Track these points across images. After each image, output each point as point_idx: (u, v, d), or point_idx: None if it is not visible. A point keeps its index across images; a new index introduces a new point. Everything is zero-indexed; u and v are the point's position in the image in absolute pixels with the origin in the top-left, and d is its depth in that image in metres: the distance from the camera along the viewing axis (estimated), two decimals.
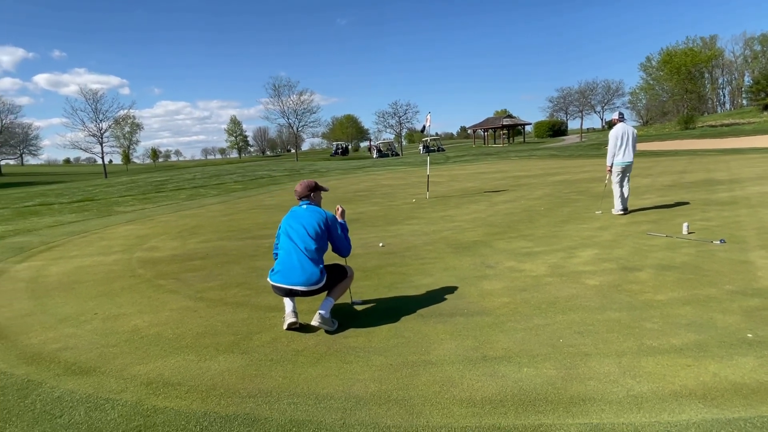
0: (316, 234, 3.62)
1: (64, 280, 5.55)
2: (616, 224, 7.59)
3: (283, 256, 3.64)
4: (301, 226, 3.65)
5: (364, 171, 26.20)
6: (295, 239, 3.61)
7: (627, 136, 8.32)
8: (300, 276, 3.46)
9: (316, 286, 3.49)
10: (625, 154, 8.36)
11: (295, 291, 3.49)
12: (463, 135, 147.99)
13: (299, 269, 3.48)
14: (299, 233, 3.62)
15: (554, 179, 15.62)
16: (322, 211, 3.83)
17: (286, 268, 3.53)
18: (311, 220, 3.69)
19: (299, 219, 3.72)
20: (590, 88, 71.88)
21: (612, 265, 5.21)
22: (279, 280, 3.51)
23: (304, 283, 3.45)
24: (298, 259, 3.52)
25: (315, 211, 3.78)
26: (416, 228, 8.08)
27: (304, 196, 3.89)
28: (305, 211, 3.77)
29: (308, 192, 3.89)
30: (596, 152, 31.98)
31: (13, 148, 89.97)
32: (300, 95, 63.74)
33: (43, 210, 12.81)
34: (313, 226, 3.65)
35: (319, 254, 3.60)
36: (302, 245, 3.56)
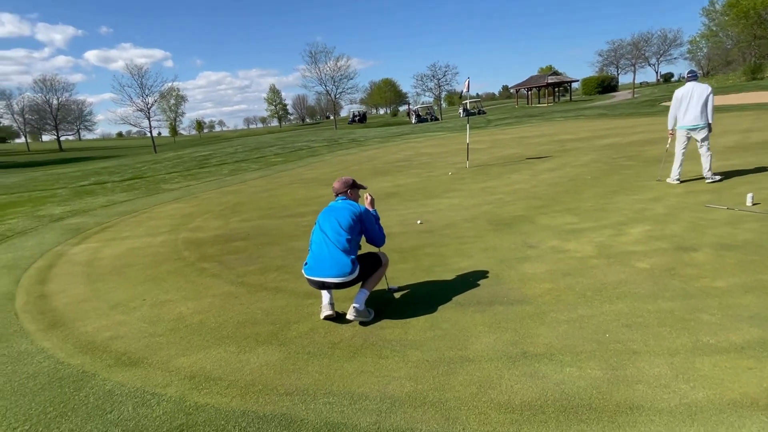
0: (348, 226, 3.60)
1: (116, 263, 5.83)
2: (670, 195, 7.10)
3: (315, 248, 3.63)
4: (335, 219, 3.65)
5: (403, 138, 25.81)
6: (327, 231, 3.60)
7: (691, 96, 7.57)
8: (332, 268, 3.44)
9: (349, 278, 3.46)
10: (686, 116, 7.67)
11: (328, 283, 3.48)
12: (505, 95, 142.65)
13: (331, 261, 3.46)
14: (332, 226, 3.61)
15: (602, 143, 14.79)
16: (356, 204, 3.83)
17: (318, 261, 3.52)
18: (344, 213, 3.68)
19: (333, 212, 3.73)
20: (644, 39, 66.90)
21: (665, 244, 4.88)
22: (312, 273, 3.51)
23: (337, 275, 3.43)
24: (329, 252, 3.50)
25: (349, 205, 3.78)
26: (455, 202, 7.89)
27: (341, 192, 3.92)
28: (339, 205, 3.79)
29: (345, 189, 3.93)
30: (650, 110, 29.99)
31: (70, 124, 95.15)
32: (337, 61, 62.88)
33: (97, 189, 13.47)
34: (345, 218, 3.64)
35: (351, 246, 3.56)
36: (334, 237, 3.54)
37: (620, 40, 73.36)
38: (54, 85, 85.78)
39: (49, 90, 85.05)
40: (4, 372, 3.26)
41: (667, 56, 72.87)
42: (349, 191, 3.95)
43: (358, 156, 17.96)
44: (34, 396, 2.90)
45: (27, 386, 3.03)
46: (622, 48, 70.90)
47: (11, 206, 11.36)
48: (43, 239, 7.44)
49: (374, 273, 3.71)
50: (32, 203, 11.52)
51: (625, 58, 70.85)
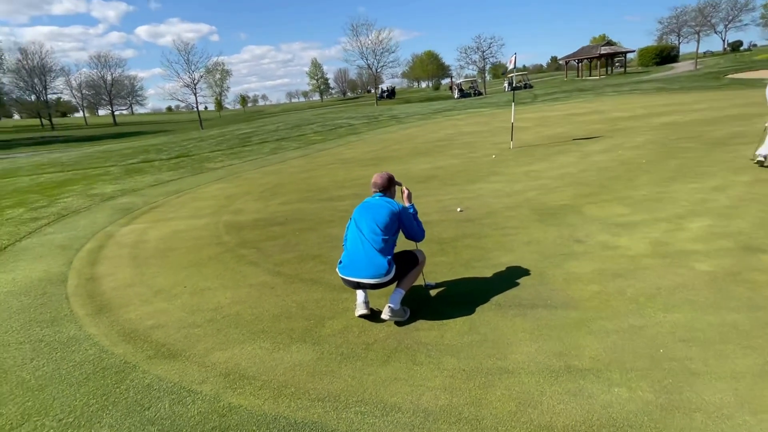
0: (386, 226, 3.47)
1: (160, 246, 6.00)
2: (737, 183, 6.52)
3: (350, 247, 3.53)
4: (372, 218, 3.51)
5: (445, 115, 25.20)
6: (363, 230, 3.48)
7: None
8: (367, 269, 3.34)
9: (385, 279, 3.35)
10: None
11: (363, 284, 3.39)
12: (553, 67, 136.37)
13: (366, 261, 3.36)
14: (369, 224, 3.49)
15: (659, 121, 13.82)
16: (395, 203, 3.67)
17: (353, 261, 3.42)
18: (382, 211, 3.54)
19: (370, 210, 3.59)
20: (711, 4, 61.62)
21: (729, 243, 4.48)
22: (347, 273, 3.42)
23: (372, 275, 3.33)
24: (365, 251, 3.39)
25: (387, 203, 3.63)
26: (498, 187, 7.60)
27: (381, 189, 3.77)
28: (377, 202, 3.64)
29: (387, 184, 3.79)
30: (715, 83, 27.80)
31: (123, 99, 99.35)
32: (378, 34, 61.77)
33: (146, 167, 13.97)
34: (383, 217, 3.50)
35: (387, 246, 3.44)
36: (370, 237, 3.43)
37: (684, 6, 68.19)
38: (108, 61, 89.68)
39: (104, 66, 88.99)
40: (53, 358, 3.40)
41: (737, 22, 67.08)
42: (390, 187, 3.81)
43: (398, 134, 17.69)
44: (79, 386, 3.01)
45: (73, 375, 3.15)
46: (685, 14, 65.80)
47: (68, 184, 11.98)
48: (95, 219, 7.77)
49: (411, 272, 3.58)
50: (86, 181, 12.09)
51: (689, 26, 65.78)
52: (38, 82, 78.25)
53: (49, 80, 79.79)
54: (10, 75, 74.01)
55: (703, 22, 62.33)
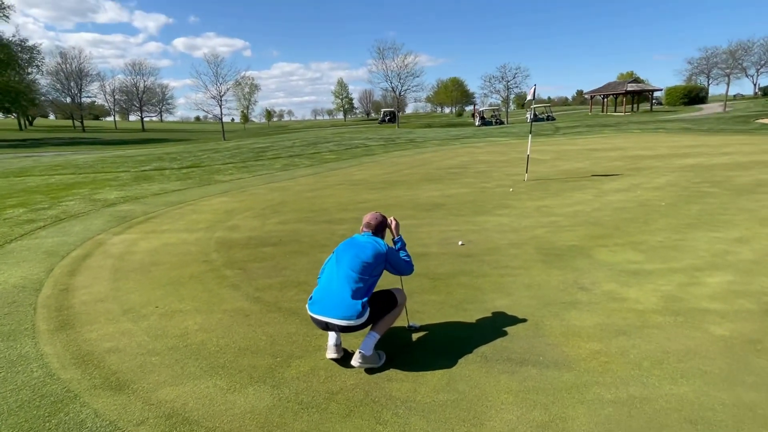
0: (367, 265, 3.16)
1: (145, 259, 5.78)
2: (762, 236, 6.05)
3: (323, 283, 3.23)
4: (355, 255, 3.21)
5: (462, 142, 24.98)
6: (342, 267, 3.17)
7: None
8: (338, 308, 3.02)
9: (356, 322, 3.02)
10: None
11: (332, 325, 3.06)
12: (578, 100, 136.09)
13: (338, 300, 3.04)
14: (349, 262, 3.18)
15: (683, 162, 13.33)
16: (382, 243, 3.36)
17: (323, 297, 3.11)
18: (367, 250, 3.24)
19: (355, 247, 3.28)
20: (744, 47, 60.87)
21: (751, 304, 4.05)
22: (315, 310, 3.11)
23: (343, 316, 3.00)
24: (338, 290, 3.08)
25: (373, 242, 3.33)
26: (505, 222, 7.24)
27: (372, 230, 3.48)
28: (364, 241, 3.34)
29: (379, 227, 3.50)
30: (743, 127, 27.09)
31: (153, 106, 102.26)
32: (404, 58, 62.39)
33: (155, 175, 13.97)
34: (366, 256, 3.20)
35: (365, 287, 3.12)
36: (347, 274, 3.12)
37: (715, 47, 67.44)
38: (142, 69, 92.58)
39: (137, 73, 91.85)
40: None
41: None
42: (380, 230, 3.52)
43: (413, 159, 17.48)
44: (8, 415, 2.74)
45: (7, 401, 2.88)
46: (716, 56, 65.02)
47: (75, 187, 12.00)
48: (90, 225, 7.64)
49: (388, 315, 3.25)
50: (94, 185, 12.11)
51: (719, 67, 64.85)
52: (74, 86, 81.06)
53: (84, 84, 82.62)
54: (49, 77, 76.85)
55: (733, 65, 61.43)
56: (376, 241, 3.33)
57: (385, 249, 3.29)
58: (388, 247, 3.34)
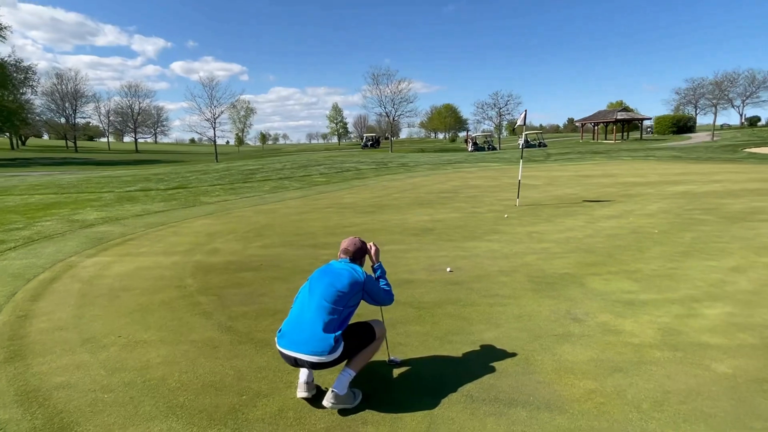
0: (342, 295, 2.89)
1: (116, 284, 5.47)
2: (758, 265, 5.88)
3: (293, 313, 2.96)
4: (329, 284, 2.94)
5: (455, 167, 24.99)
6: (314, 297, 2.91)
7: None
8: (308, 343, 2.74)
9: (327, 359, 2.74)
10: None
11: (301, 361, 2.78)
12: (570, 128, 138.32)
13: (309, 334, 2.77)
14: (323, 291, 2.91)
15: (674, 190, 13.29)
16: (360, 271, 3.07)
17: (293, 330, 2.84)
18: (342, 278, 2.97)
19: (330, 275, 3.01)
20: (729, 79, 62.46)
21: (753, 338, 3.82)
22: (284, 344, 2.83)
23: (313, 352, 2.72)
24: (309, 322, 2.81)
25: (350, 269, 3.06)
26: (495, 248, 7.02)
27: (350, 257, 3.20)
28: (340, 268, 3.07)
29: (357, 254, 3.22)
30: (731, 155, 27.41)
31: (148, 128, 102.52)
32: (398, 84, 63.32)
33: (139, 196, 13.66)
34: (342, 285, 2.93)
35: (338, 319, 2.85)
36: (320, 305, 2.85)
37: (701, 79, 69.06)
38: (138, 91, 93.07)
39: (133, 95, 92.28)
40: None
41: (755, 98, 67.74)
42: (359, 256, 3.24)
43: (403, 182, 17.35)
44: None
45: None
46: (702, 87, 66.62)
47: (54, 207, 11.66)
48: (63, 247, 7.32)
49: (364, 349, 2.98)
50: (75, 205, 11.77)
51: (706, 98, 66.42)
52: (69, 106, 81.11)
53: (79, 105, 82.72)
54: (44, 97, 76.89)
55: (720, 96, 62.92)
56: (354, 268, 3.07)
57: (363, 277, 3.03)
58: (366, 275, 3.09)
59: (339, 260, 3.21)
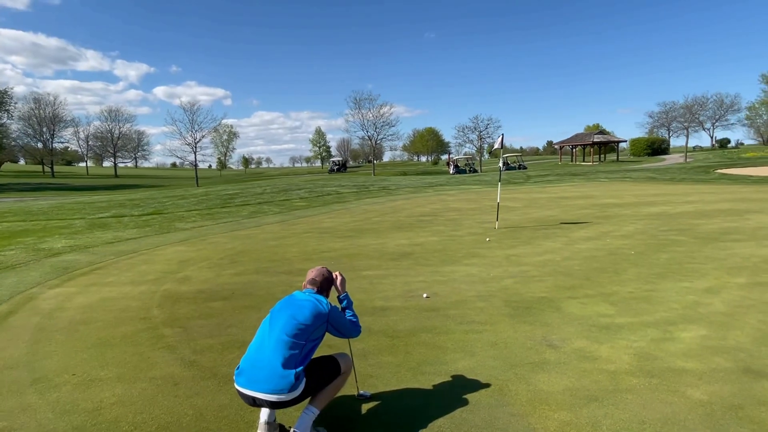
0: (305, 328, 2.75)
1: (76, 317, 5.21)
2: (731, 285, 5.91)
3: (252, 349, 2.80)
4: (291, 316, 2.79)
5: (436, 189, 25.12)
6: (275, 330, 2.75)
7: None
8: (267, 381, 2.59)
9: (288, 397, 2.59)
10: None
11: (260, 401, 2.62)
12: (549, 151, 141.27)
13: (268, 371, 2.61)
14: (284, 324, 2.76)
15: (650, 211, 13.50)
16: (325, 302, 2.94)
17: (251, 367, 2.68)
18: (305, 310, 2.83)
19: (292, 306, 2.87)
20: (699, 103, 64.82)
21: (728, 362, 3.78)
22: (241, 383, 2.67)
23: (272, 390, 2.56)
24: (268, 358, 2.66)
25: (316, 300, 2.91)
26: (473, 272, 6.95)
27: (316, 287, 3.06)
28: (303, 299, 2.92)
29: (324, 284, 3.09)
30: (704, 176, 28.17)
31: (128, 152, 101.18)
32: (380, 108, 64.12)
33: (112, 223, 13.31)
34: (305, 317, 2.79)
35: (300, 354, 2.70)
36: (280, 339, 2.70)
37: (672, 102, 71.51)
38: (118, 116, 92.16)
39: (113, 119, 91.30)
40: None
41: (723, 121, 70.31)
42: (325, 287, 3.09)
43: (384, 206, 17.31)
44: None
45: None
46: (674, 110, 68.94)
47: (22, 235, 11.26)
48: (25, 277, 7.01)
49: (328, 386, 2.83)
50: (43, 233, 11.39)
51: (677, 121, 68.67)
52: (46, 131, 79.76)
53: (58, 130, 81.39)
54: (21, 122, 75.49)
55: (691, 119, 65.13)
56: (318, 299, 2.93)
57: (328, 309, 2.90)
58: (331, 306, 2.96)
59: (303, 291, 3.08)
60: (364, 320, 4.92)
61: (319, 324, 2.82)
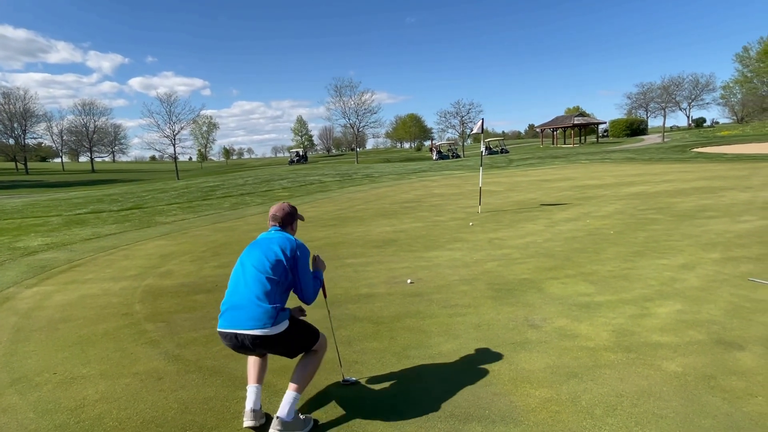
0: (277, 263, 2.79)
1: (56, 315, 5.13)
2: (705, 261, 6.09)
3: (229, 290, 2.83)
4: (262, 254, 2.84)
5: (419, 176, 25.16)
6: (247, 267, 2.80)
7: None
8: (248, 317, 2.62)
9: (271, 331, 2.61)
10: None
11: (242, 338, 2.63)
12: (531, 134, 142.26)
13: (248, 308, 2.64)
14: (256, 262, 2.81)
15: (628, 191, 13.76)
16: (292, 237, 3.00)
17: (231, 308, 2.71)
18: (274, 246, 2.87)
19: (261, 246, 2.91)
20: (675, 83, 65.84)
21: (701, 335, 3.91)
22: (222, 324, 2.71)
23: (253, 325, 2.60)
24: (248, 296, 2.68)
25: (282, 237, 2.95)
26: (457, 256, 7.02)
27: (279, 222, 3.08)
28: (270, 237, 2.99)
29: (287, 218, 3.10)
30: (681, 155, 28.74)
31: (105, 146, 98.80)
32: (361, 96, 63.61)
33: (90, 219, 13.04)
34: (276, 252, 2.83)
35: (278, 290, 2.74)
36: (254, 275, 2.75)
37: (650, 83, 72.52)
38: (93, 109, 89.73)
39: (88, 113, 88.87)
40: None
41: (699, 101, 71.60)
42: (289, 221, 3.12)
43: (368, 194, 17.30)
44: None
45: None
46: (651, 91, 69.87)
47: None
48: (1, 277, 6.84)
49: (306, 365, 2.87)
50: (17, 231, 11.10)
51: (655, 102, 69.66)
52: (18, 127, 77.34)
53: (29, 125, 78.98)
54: None
55: (668, 99, 66.17)
56: (287, 236, 2.98)
57: (296, 243, 2.93)
58: (299, 241, 2.98)
59: (269, 230, 3.10)
60: (349, 308, 4.97)
61: (291, 255, 2.84)
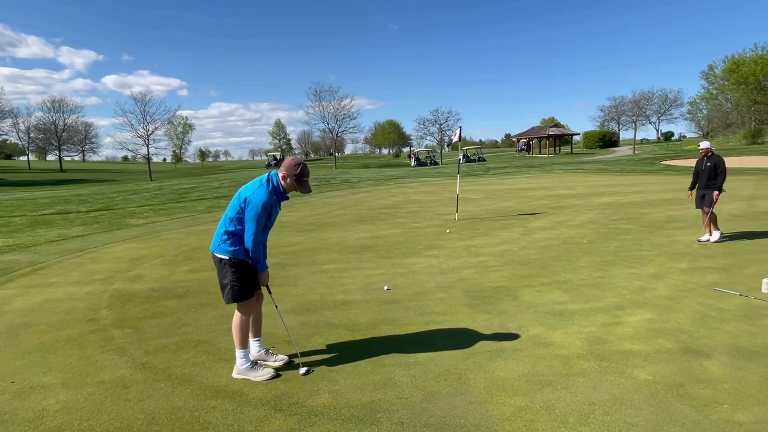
0: (235, 203, 3.42)
1: (16, 321, 4.90)
2: (673, 271, 6.26)
3: None
4: (237, 194, 3.50)
5: (397, 182, 25.23)
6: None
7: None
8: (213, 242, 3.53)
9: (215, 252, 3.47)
10: None
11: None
12: (507, 143, 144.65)
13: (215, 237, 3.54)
14: (230, 205, 3.51)
15: (601, 201, 14.09)
16: (263, 189, 3.36)
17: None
18: (245, 189, 3.43)
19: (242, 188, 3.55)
20: (645, 98, 68.07)
21: (670, 343, 4.00)
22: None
23: (212, 244, 3.53)
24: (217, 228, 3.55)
25: (254, 184, 3.42)
26: (433, 263, 7.03)
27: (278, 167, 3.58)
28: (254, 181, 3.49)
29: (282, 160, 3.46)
30: (650, 168, 29.66)
31: (75, 145, 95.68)
32: (340, 101, 63.56)
33: (56, 220, 12.58)
34: (239, 194, 3.45)
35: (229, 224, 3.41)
36: (225, 216, 3.47)
37: (621, 97, 74.62)
38: (62, 106, 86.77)
39: (57, 110, 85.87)
40: None
41: (668, 115, 74.11)
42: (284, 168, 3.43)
43: (345, 199, 17.24)
44: None
45: None
46: (623, 105, 71.90)
47: None
48: None
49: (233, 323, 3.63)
50: None
51: (626, 115, 71.75)
52: None
53: None
54: None
55: (638, 113, 68.32)
56: (260, 183, 3.38)
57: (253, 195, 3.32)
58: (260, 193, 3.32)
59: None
60: (325, 314, 4.91)
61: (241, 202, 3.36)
